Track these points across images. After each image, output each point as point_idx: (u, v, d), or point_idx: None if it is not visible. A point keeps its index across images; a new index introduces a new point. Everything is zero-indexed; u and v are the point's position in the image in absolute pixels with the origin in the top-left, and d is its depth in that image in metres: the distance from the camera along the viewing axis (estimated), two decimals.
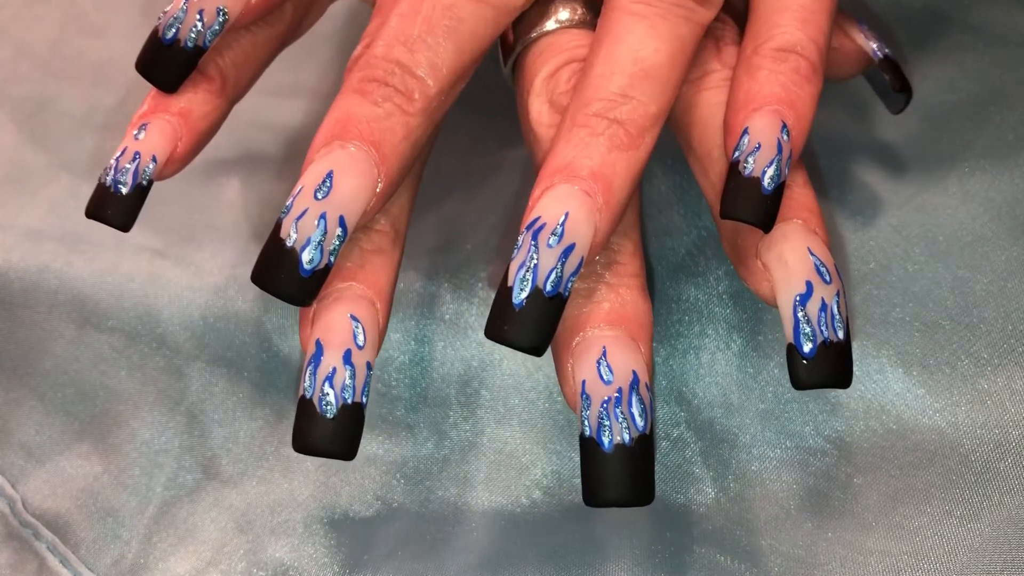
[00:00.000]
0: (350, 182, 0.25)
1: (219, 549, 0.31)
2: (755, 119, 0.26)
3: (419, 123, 0.27)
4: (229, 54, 0.30)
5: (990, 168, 0.32)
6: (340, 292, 0.27)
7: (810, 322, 0.25)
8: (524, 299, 0.24)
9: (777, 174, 0.26)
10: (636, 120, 0.26)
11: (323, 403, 0.25)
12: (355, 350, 0.26)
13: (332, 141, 0.26)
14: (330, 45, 0.40)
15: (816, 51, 0.27)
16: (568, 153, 0.26)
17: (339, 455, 0.25)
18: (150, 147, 0.28)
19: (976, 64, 0.35)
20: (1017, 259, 0.31)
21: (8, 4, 0.44)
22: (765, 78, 0.27)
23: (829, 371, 0.25)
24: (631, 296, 0.27)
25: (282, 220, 0.25)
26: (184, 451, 0.32)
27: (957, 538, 0.28)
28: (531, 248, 0.25)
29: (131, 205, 0.28)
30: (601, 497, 0.25)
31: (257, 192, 0.36)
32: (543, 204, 0.25)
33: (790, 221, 0.26)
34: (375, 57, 0.27)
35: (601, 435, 0.25)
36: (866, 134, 0.34)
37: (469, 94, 0.29)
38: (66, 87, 0.41)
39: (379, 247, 0.28)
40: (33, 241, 0.36)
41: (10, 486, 0.32)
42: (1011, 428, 0.29)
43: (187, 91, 0.29)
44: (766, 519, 0.29)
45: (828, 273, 0.26)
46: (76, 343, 0.34)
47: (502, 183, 0.35)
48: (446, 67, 0.27)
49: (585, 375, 0.25)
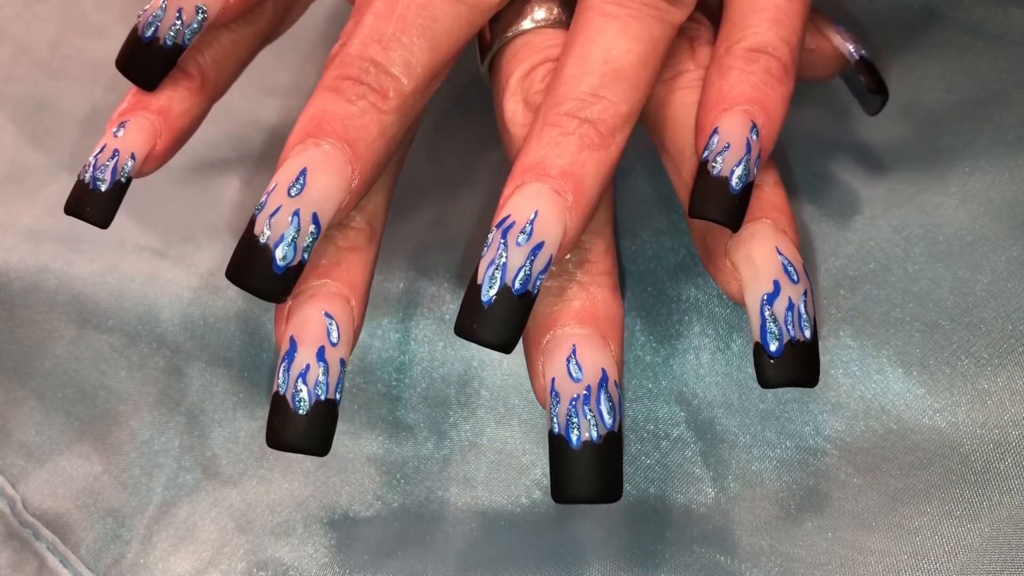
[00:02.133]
0: (324, 180, 0.26)
1: (219, 549, 0.31)
2: (725, 119, 0.26)
3: (393, 121, 0.27)
4: (209, 52, 0.30)
5: (990, 168, 0.32)
6: (315, 289, 0.27)
7: (776, 321, 0.25)
8: (493, 296, 0.25)
9: (745, 174, 0.26)
10: (607, 120, 0.26)
11: (296, 399, 0.25)
12: (328, 347, 0.26)
13: (307, 138, 0.26)
14: (328, 45, 0.40)
15: (788, 52, 0.27)
16: (539, 152, 0.26)
17: (312, 451, 0.25)
18: (129, 144, 0.28)
19: (976, 64, 0.35)
20: (1017, 259, 0.31)
21: (8, 4, 0.44)
22: (736, 78, 0.27)
23: (795, 370, 0.25)
24: (602, 294, 0.27)
25: (256, 217, 0.25)
26: (184, 451, 0.32)
27: (957, 538, 0.28)
28: (500, 246, 0.25)
29: (109, 202, 0.28)
30: (568, 493, 0.25)
31: (257, 192, 0.36)
32: (513, 202, 0.25)
33: (759, 220, 0.27)
34: (350, 56, 0.27)
35: (569, 432, 0.25)
36: (866, 135, 0.34)
37: (467, 94, 0.29)
38: (66, 87, 0.41)
39: (354, 244, 0.28)
40: (33, 241, 0.36)
41: (10, 486, 0.32)
42: (1011, 428, 0.29)
43: (167, 89, 0.29)
44: (766, 519, 0.29)
45: (796, 273, 0.26)
46: (76, 343, 0.34)
47: (502, 183, 0.35)
48: (420, 66, 0.27)
49: (555, 372, 0.26)
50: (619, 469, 0.25)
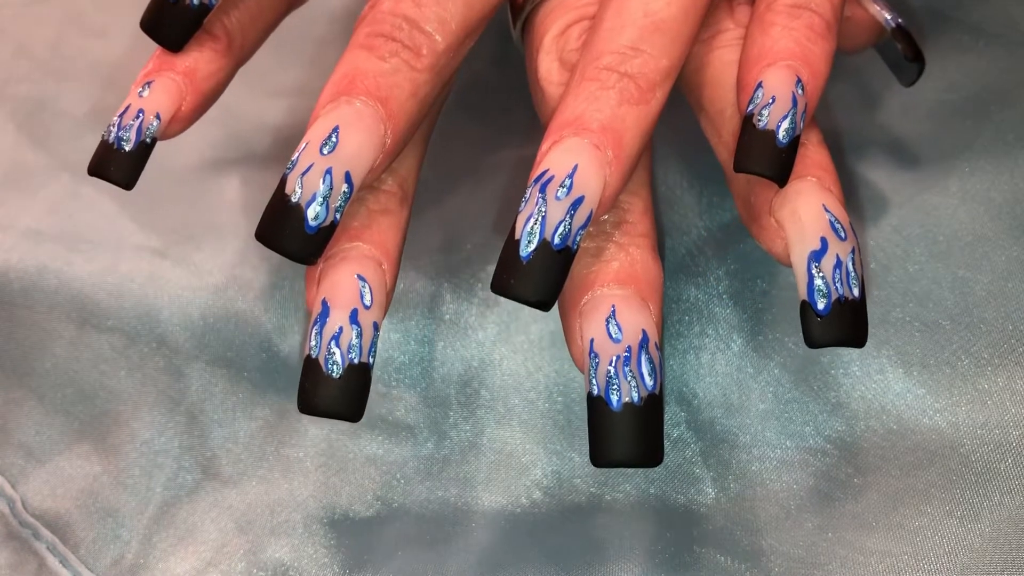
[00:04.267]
0: (357, 138, 0.25)
1: (219, 549, 0.31)
2: (769, 73, 0.26)
3: (427, 79, 0.26)
4: (236, 14, 0.30)
5: (990, 168, 0.32)
6: (346, 252, 0.26)
7: (824, 279, 0.25)
8: (531, 252, 0.24)
9: (792, 127, 0.25)
10: (647, 74, 0.26)
11: (329, 363, 0.25)
12: (362, 310, 0.25)
13: (338, 96, 0.25)
14: (332, 46, 0.40)
15: (830, 8, 0.27)
16: (577, 107, 0.25)
17: (345, 415, 0.25)
18: (154, 105, 0.28)
19: (976, 64, 0.35)
20: (1017, 259, 0.31)
21: (8, 4, 0.44)
22: (778, 34, 0.26)
23: (844, 329, 0.25)
24: (641, 255, 0.26)
25: (287, 176, 0.25)
26: (184, 451, 0.32)
27: (957, 538, 0.28)
28: (539, 200, 0.24)
29: (134, 162, 0.27)
30: (609, 456, 0.24)
31: (258, 192, 0.36)
32: (552, 157, 0.25)
33: (804, 179, 0.26)
34: (382, 12, 0.26)
35: (610, 393, 0.24)
36: (866, 134, 0.34)
37: (468, 96, 0.29)
38: (66, 87, 0.41)
39: (386, 207, 0.27)
40: (33, 241, 0.36)
41: (10, 486, 0.32)
42: (1011, 428, 0.29)
43: (192, 50, 0.29)
44: (766, 519, 0.29)
45: (843, 230, 0.25)
46: (76, 343, 0.34)
47: (502, 183, 0.35)
48: (455, 23, 0.26)
49: (593, 333, 0.25)
50: (660, 432, 0.25)
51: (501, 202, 0.35)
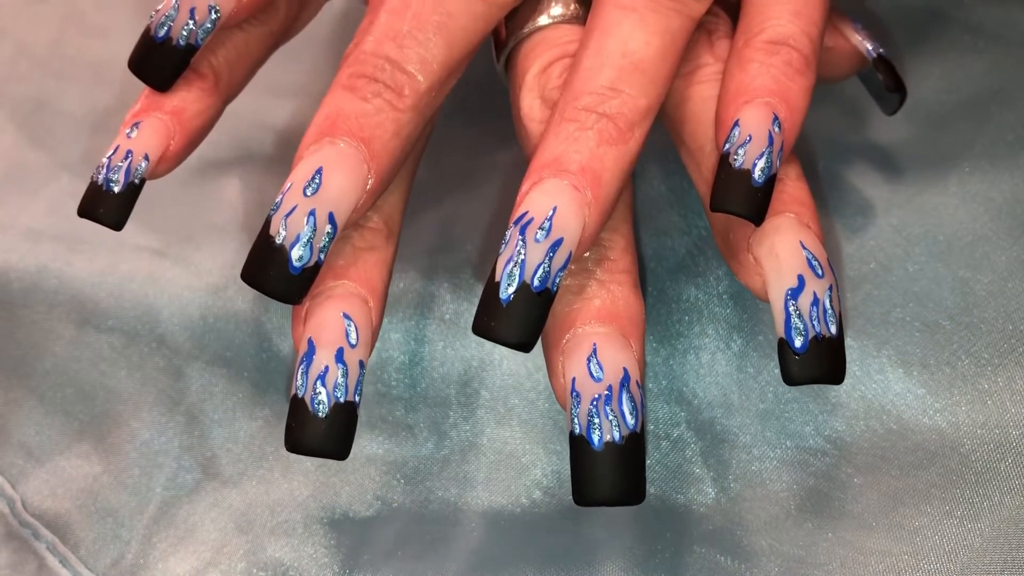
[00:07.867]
0: (340, 179, 0.25)
1: (219, 549, 0.31)
2: (746, 111, 0.26)
3: (409, 119, 0.26)
4: (222, 52, 0.30)
5: (990, 168, 0.32)
6: (332, 290, 0.27)
7: (801, 316, 0.25)
8: (511, 294, 0.24)
9: (768, 166, 0.25)
10: (626, 114, 0.26)
11: (315, 402, 0.25)
12: (347, 348, 0.26)
13: (322, 137, 0.26)
14: (332, 47, 0.40)
15: (809, 44, 0.27)
16: (557, 147, 0.26)
17: (332, 455, 0.25)
18: (143, 145, 0.28)
19: (976, 64, 0.35)
20: (1017, 259, 0.31)
21: (8, 4, 0.44)
22: (756, 71, 0.27)
23: (821, 366, 0.25)
24: (622, 292, 0.27)
25: (271, 217, 0.25)
26: (184, 451, 0.32)
27: (957, 538, 0.28)
28: (519, 243, 0.25)
29: (123, 204, 0.28)
30: (591, 496, 0.25)
31: (257, 192, 0.36)
32: (531, 198, 0.25)
33: (782, 215, 0.26)
34: (364, 53, 0.27)
35: (591, 433, 0.25)
36: (866, 135, 0.34)
37: (468, 96, 0.29)
38: (66, 87, 0.41)
39: (371, 244, 0.28)
40: (33, 241, 0.36)
41: (10, 486, 0.32)
42: (1011, 428, 0.29)
43: (180, 89, 0.29)
44: (766, 519, 0.29)
45: (820, 267, 0.25)
46: (76, 343, 0.34)
47: (502, 183, 0.35)
48: (436, 63, 0.27)
49: (575, 372, 0.25)
50: (642, 470, 0.25)
51: (501, 202, 0.35)
